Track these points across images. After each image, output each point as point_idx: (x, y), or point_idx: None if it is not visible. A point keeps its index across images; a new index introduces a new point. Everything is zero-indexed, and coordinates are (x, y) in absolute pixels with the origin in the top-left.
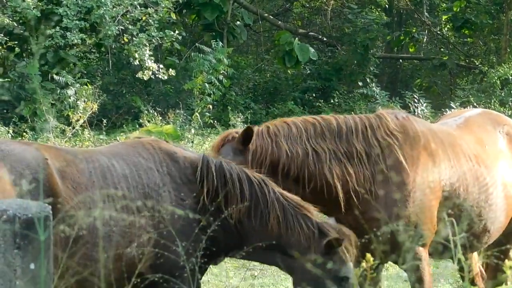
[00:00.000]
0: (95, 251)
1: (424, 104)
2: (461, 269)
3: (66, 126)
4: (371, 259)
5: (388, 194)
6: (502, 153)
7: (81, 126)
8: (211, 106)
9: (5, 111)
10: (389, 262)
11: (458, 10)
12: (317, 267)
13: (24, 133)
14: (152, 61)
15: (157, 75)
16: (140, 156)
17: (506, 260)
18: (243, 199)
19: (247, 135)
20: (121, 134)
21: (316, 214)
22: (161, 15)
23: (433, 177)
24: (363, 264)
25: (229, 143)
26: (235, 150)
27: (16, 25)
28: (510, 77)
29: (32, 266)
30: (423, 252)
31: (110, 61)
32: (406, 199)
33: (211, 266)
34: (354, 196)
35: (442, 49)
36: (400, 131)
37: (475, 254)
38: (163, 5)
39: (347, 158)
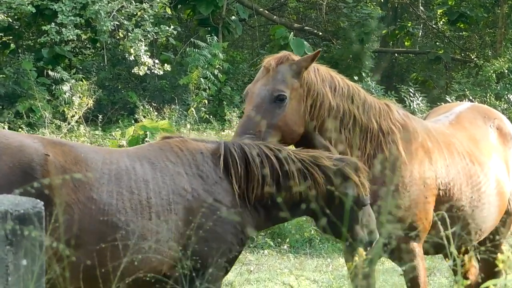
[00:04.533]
0: (100, 255)
1: (420, 98)
2: (454, 264)
3: (61, 122)
4: (364, 253)
5: (385, 183)
6: (494, 148)
7: (76, 121)
8: (206, 101)
9: (0, 107)
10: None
11: (453, 3)
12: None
13: (20, 129)
14: (148, 56)
15: (152, 71)
16: (167, 160)
17: (499, 254)
18: (265, 179)
19: (313, 58)
20: (117, 129)
21: (330, 156)
22: (156, 10)
23: (429, 174)
24: (356, 258)
25: (287, 63)
26: (294, 72)
27: (11, 21)
28: (506, 71)
29: (24, 262)
30: (418, 248)
31: (106, 57)
32: (402, 191)
33: None
34: None
35: (437, 43)
36: (402, 124)
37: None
38: (158, 0)
39: (364, 131)
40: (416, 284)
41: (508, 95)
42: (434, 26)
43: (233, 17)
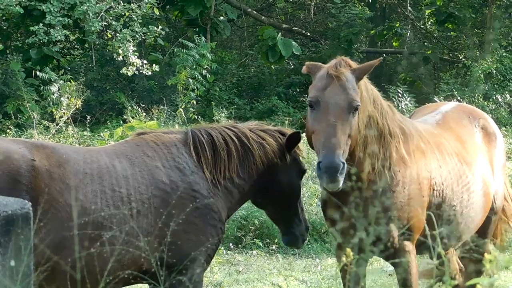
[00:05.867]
0: (86, 254)
1: (408, 99)
2: (440, 264)
3: (50, 123)
4: (351, 253)
5: (388, 182)
6: (479, 148)
7: (65, 122)
8: (195, 102)
9: None
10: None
11: (441, 4)
12: (291, 165)
13: (8, 130)
14: (136, 57)
15: (141, 71)
16: (145, 155)
17: (485, 254)
18: (230, 157)
19: (373, 66)
20: (105, 130)
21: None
22: (145, 10)
23: (425, 174)
24: (344, 259)
25: (349, 70)
26: (356, 79)
27: None
28: (494, 71)
29: (12, 263)
30: (411, 246)
31: (94, 57)
32: (402, 191)
33: None
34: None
35: (425, 43)
36: (399, 125)
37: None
38: (146, 0)
39: (380, 134)
40: (409, 283)
41: (496, 96)
42: (422, 26)
43: (222, 17)
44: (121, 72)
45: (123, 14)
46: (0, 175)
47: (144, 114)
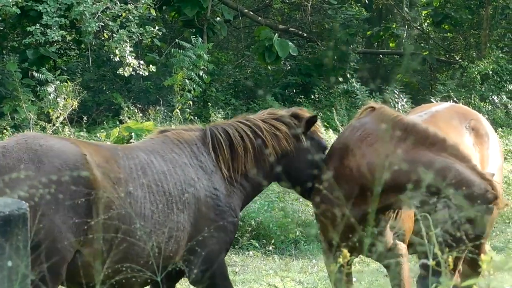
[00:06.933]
0: (135, 246)
1: (405, 100)
2: (436, 265)
3: (46, 123)
4: (348, 254)
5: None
6: (468, 148)
7: (61, 123)
8: (191, 102)
9: None
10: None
11: (437, 5)
12: (309, 147)
13: (5, 131)
14: (133, 57)
15: (137, 72)
16: (173, 152)
17: (482, 255)
18: (247, 152)
19: None
20: (102, 131)
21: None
22: (141, 11)
23: None
24: (340, 259)
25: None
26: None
27: None
28: (490, 72)
29: (9, 263)
30: (404, 248)
31: (90, 58)
32: None
33: None
34: None
35: (422, 44)
36: None
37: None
38: (143, 1)
39: None
40: (401, 282)
41: (493, 97)
42: (418, 27)
43: (218, 18)
44: (117, 72)
45: (120, 14)
46: (60, 169)
47: (141, 114)
